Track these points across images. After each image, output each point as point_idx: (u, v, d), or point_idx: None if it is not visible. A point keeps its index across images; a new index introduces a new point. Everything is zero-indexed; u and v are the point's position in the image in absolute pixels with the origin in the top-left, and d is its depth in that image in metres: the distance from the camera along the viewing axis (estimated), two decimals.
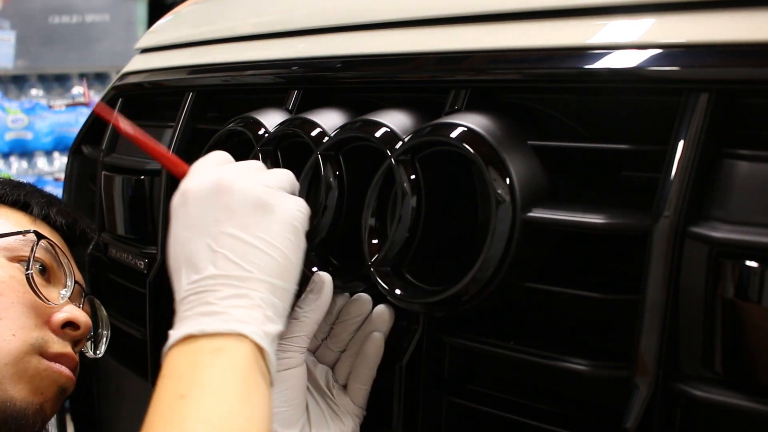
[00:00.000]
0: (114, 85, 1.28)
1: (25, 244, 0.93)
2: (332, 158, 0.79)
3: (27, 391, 0.86)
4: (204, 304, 0.63)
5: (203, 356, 0.61)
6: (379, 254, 0.72)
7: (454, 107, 0.73)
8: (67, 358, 0.91)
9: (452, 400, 0.75)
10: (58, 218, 1.03)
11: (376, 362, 0.78)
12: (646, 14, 0.64)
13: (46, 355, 0.89)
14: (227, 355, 0.60)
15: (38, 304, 0.90)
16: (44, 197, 1.04)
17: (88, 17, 4.29)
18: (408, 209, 0.71)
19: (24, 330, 0.87)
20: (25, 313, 0.88)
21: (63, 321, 0.92)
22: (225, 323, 0.61)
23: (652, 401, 0.58)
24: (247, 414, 0.59)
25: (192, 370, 0.60)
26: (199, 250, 0.65)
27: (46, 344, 0.89)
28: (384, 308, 0.77)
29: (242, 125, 0.90)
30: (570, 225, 0.63)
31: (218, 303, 0.62)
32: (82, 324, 0.94)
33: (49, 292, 0.93)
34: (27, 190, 1.04)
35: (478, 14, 0.75)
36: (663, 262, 0.57)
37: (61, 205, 1.06)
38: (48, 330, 0.90)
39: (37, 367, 0.87)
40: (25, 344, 0.87)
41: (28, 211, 1.01)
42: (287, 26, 0.97)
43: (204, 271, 0.64)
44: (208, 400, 0.58)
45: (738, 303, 0.54)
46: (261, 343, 0.62)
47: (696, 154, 0.57)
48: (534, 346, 0.67)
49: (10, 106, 3.83)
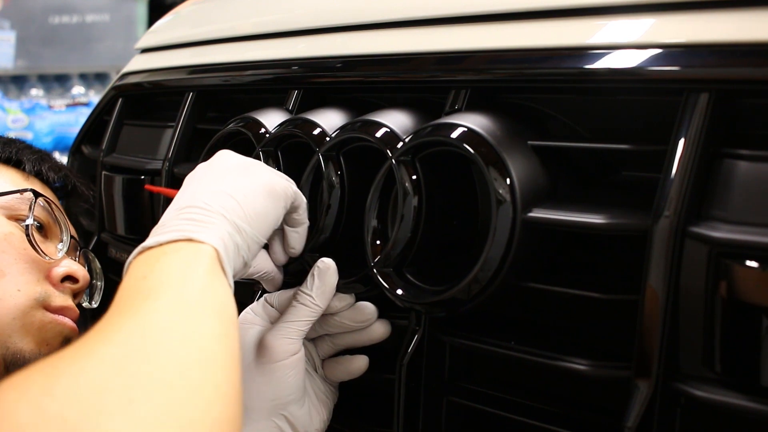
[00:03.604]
0: (114, 85, 1.28)
1: (22, 202, 0.96)
2: (333, 158, 0.79)
3: (35, 344, 0.90)
4: (167, 225, 0.65)
5: (159, 255, 0.61)
6: (381, 254, 0.73)
7: (454, 107, 0.73)
8: (70, 310, 0.95)
9: (452, 400, 0.75)
10: (50, 174, 1.06)
11: (356, 374, 0.80)
12: (646, 14, 0.64)
13: (49, 308, 0.92)
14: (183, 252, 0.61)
15: (38, 259, 0.93)
16: (35, 153, 1.07)
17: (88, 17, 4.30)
18: (409, 209, 0.71)
19: (28, 285, 0.91)
20: (28, 269, 0.91)
21: (63, 275, 0.95)
22: (181, 234, 0.63)
23: (652, 401, 0.58)
24: (216, 303, 0.59)
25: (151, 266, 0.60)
26: (185, 194, 0.69)
27: (49, 298, 0.92)
28: (384, 326, 0.78)
29: (242, 125, 0.90)
30: (570, 225, 0.63)
31: (178, 224, 0.64)
32: (80, 277, 0.97)
33: (47, 247, 0.96)
34: (18, 146, 1.06)
35: (478, 14, 0.75)
36: (663, 262, 0.57)
37: (53, 161, 1.09)
38: (49, 284, 0.94)
39: (42, 320, 0.91)
40: (29, 299, 0.90)
41: (21, 167, 1.04)
42: (287, 26, 0.97)
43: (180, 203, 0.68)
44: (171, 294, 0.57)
45: (738, 303, 0.54)
46: (213, 243, 0.62)
47: (696, 154, 0.57)
48: (534, 346, 0.67)
49: (10, 106, 3.84)
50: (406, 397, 0.74)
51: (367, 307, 0.78)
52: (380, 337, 0.78)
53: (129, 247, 1.13)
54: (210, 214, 0.66)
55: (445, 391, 0.75)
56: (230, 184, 0.70)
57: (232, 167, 0.73)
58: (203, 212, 0.66)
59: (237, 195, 0.69)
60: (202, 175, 0.72)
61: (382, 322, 0.78)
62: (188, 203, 0.67)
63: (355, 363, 0.80)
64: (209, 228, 0.65)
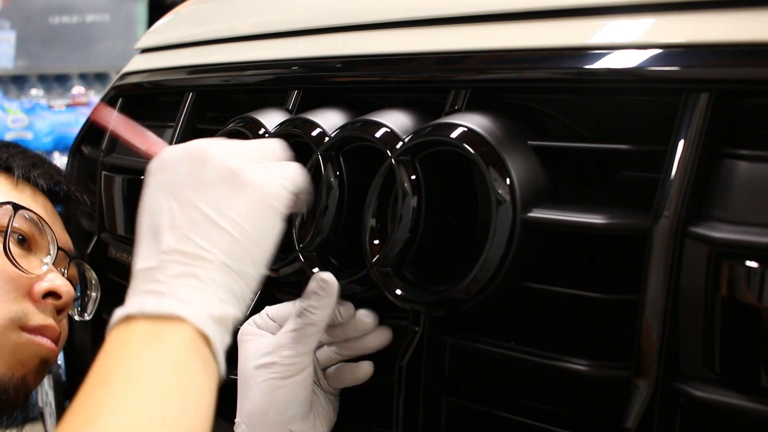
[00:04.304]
0: (114, 85, 1.28)
1: (4, 213, 0.91)
2: (332, 158, 0.79)
3: (7, 366, 0.85)
4: (153, 281, 0.59)
5: (135, 341, 0.56)
6: (380, 254, 0.73)
7: (454, 107, 0.73)
8: (49, 329, 0.90)
9: (452, 400, 0.75)
10: (40, 181, 1.01)
11: (363, 380, 0.79)
12: (646, 14, 0.64)
13: (26, 328, 0.87)
14: (161, 341, 0.56)
15: (18, 275, 0.88)
16: (27, 159, 1.02)
17: (88, 17, 4.30)
18: (409, 209, 0.71)
19: (3, 304, 0.86)
20: (4, 287, 0.87)
21: (44, 291, 0.90)
22: (166, 305, 0.57)
23: (652, 401, 0.58)
24: (174, 406, 0.54)
25: (121, 357, 0.56)
26: (162, 220, 0.61)
27: (26, 317, 0.88)
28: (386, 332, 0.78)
29: (242, 125, 0.90)
30: (570, 225, 0.63)
31: (166, 282, 0.58)
32: (63, 293, 0.92)
33: (30, 261, 0.92)
34: (10, 152, 1.01)
35: (478, 14, 0.75)
36: (663, 262, 0.57)
37: (45, 166, 1.04)
38: (29, 301, 0.89)
39: (17, 341, 0.86)
40: (3, 319, 0.85)
41: (11, 173, 0.99)
42: (287, 26, 0.97)
43: (162, 243, 0.60)
44: (131, 390, 0.53)
45: (738, 303, 0.54)
46: (203, 328, 0.57)
47: (696, 154, 0.57)
48: (534, 346, 0.67)
49: (10, 106, 3.84)
50: (406, 398, 0.74)
51: (368, 316, 0.77)
52: (382, 344, 0.78)
53: (129, 248, 1.13)
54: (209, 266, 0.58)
55: (444, 391, 0.75)
56: (221, 205, 0.60)
57: (216, 177, 0.61)
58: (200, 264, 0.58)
59: (231, 224, 0.60)
60: (179, 186, 0.62)
61: (383, 329, 0.78)
62: (178, 244, 0.59)
63: (361, 370, 0.79)
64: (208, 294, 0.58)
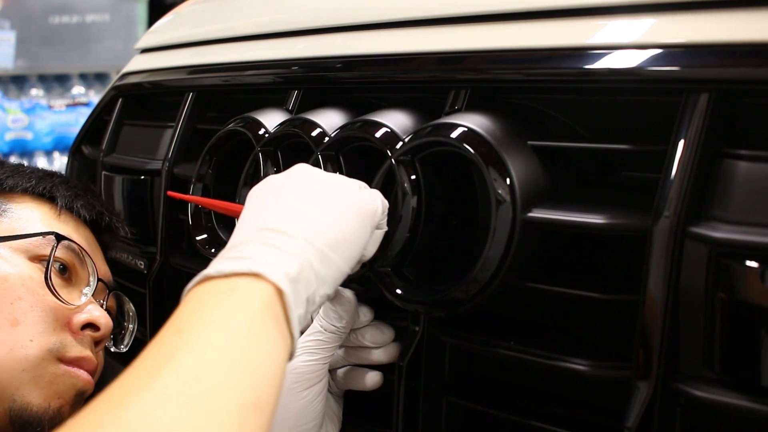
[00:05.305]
0: (114, 85, 1.28)
1: (47, 243, 0.92)
2: (332, 158, 0.79)
3: (43, 398, 0.85)
4: (236, 250, 0.59)
5: (211, 295, 0.56)
6: (379, 254, 0.72)
7: (454, 107, 0.73)
8: (87, 361, 0.89)
9: (452, 400, 0.75)
10: (83, 212, 1.01)
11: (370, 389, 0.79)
12: (646, 14, 0.64)
13: (63, 359, 0.87)
14: (237, 294, 0.56)
15: (58, 306, 0.88)
16: (70, 189, 1.02)
17: (88, 17, 4.30)
18: (408, 209, 0.71)
19: (42, 335, 0.86)
20: (44, 317, 0.87)
21: (83, 323, 0.90)
22: (244, 264, 0.57)
23: (652, 401, 0.58)
24: (247, 353, 0.53)
25: (196, 308, 0.56)
26: (261, 210, 0.64)
27: (64, 348, 0.87)
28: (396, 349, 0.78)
29: (242, 125, 0.90)
30: (570, 225, 0.63)
31: (249, 250, 0.59)
32: (102, 325, 0.92)
33: (70, 292, 0.92)
34: (54, 182, 1.01)
35: (478, 14, 0.75)
36: (663, 262, 0.57)
37: (88, 197, 1.04)
38: (68, 333, 0.89)
39: (54, 372, 0.86)
40: (42, 350, 0.85)
41: (54, 203, 0.99)
42: (287, 26, 0.97)
43: (256, 225, 0.62)
44: (204, 335, 0.53)
45: (738, 303, 0.54)
46: (279, 284, 0.57)
47: (696, 154, 0.57)
48: (534, 346, 0.67)
49: (10, 106, 3.84)
50: (406, 398, 0.74)
51: (387, 329, 0.77)
52: (389, 360, 0.77)
53: (129, 248, 1.13)
54: (292, 241, 0.60)
55: (444, 391, 0.75)
56: (316, 204, 0.64)
57: (316, 185, 0.66)
58: (284, 238, 0.60)
59: (326, 218, 0.63)
60: (280, 193, 0.66)
61: (394, 345, 0.78)
62: (266, 224, 0.61)
63: (370, 378, 0.78)
64: (286, 260, 0.59)
